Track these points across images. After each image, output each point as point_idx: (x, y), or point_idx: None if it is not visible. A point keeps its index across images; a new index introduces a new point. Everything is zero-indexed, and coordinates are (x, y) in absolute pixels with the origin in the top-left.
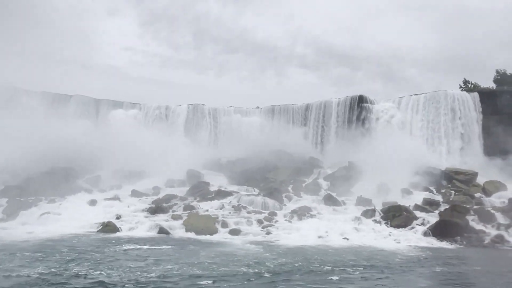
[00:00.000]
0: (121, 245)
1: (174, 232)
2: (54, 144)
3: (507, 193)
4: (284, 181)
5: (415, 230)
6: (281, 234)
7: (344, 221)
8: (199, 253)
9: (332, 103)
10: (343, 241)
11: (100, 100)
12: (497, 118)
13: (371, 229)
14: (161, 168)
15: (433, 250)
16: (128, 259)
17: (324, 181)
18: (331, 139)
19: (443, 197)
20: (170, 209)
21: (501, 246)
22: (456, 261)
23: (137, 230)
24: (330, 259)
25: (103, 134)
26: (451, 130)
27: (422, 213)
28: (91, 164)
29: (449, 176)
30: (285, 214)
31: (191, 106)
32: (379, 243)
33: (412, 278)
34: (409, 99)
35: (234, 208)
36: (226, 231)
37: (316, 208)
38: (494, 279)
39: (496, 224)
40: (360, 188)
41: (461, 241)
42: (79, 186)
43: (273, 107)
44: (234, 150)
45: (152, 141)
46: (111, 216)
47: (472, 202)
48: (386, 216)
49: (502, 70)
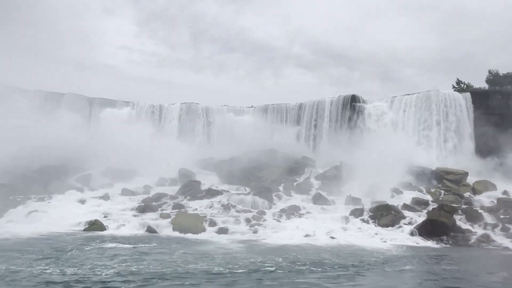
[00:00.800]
0: (103, 243)
1: (161, 230)
2: (45, 143)
3: (496, 193)
4: (276, 180)
5: (402, 230)
6: (268, 233)
7: (332, 220)
8: (177, 252)
9: (325, 103)
10: (329, 240)
11: (93, 98)
12: (488, 118)
13: (358, 228)
14: (153, 167)
15: (417, 249)
16: (99, 257)
17: (315, 181)
18: (324, 138)
19: (432, 197)
20: (159, 208)
21: (487, 245)
22: (438, 260)
23: (124, 228)
24: (312, 257)
25: (95, 133)
26: (443, 130)
27: (410, 213)
28: (83, 162)
29: (439, 176)
30: (274, 213)
31: (184, 105)
32: (365, 242)
33: (391, 276)
34: (402, 99)
35: (223, 207)
36: (213, 230)
37: (305, 207)
38: (472, 279)
39: (483, 224)
40: (351, 187)
41: (447, 241)
42: (70, 184)
43: (266, 106)
44: (227, 149)
45: (144, 140)
46: (99, 214)
47: (461, 202)
48: (374, 215)
49: (494, 70)
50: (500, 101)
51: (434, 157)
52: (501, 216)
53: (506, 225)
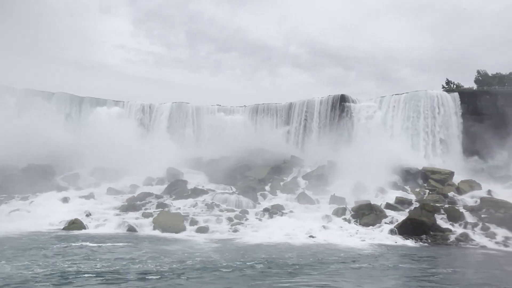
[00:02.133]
0: (77, 242)
1: (141, 229)
2: (32, 142)
3: (481, 193)
4: (263, 179)
5: (382, 229)
6: (248, 232)
7: (314, 219)
8: (139, 251)
9: (315, 102)
10: (308, 239)
11: (83, 97)
12: (476, 118)
13: (339, 227)
14: (142, 166)
15: (394, 248)
16: (55, 256)
17: (302, 180)
18: (313, 138)
19: (416, 196)
20: (142, 207)
21: (465, 244)
22: (411, 259)
23: (104, 227)
24: (284, 256)
25: (84, 132)
26: (431, 129)
27: (392, 212)
28: (70, 162)
29: (425, 175)
30: (256, 212)
31: (175, 104)
32: (344, 241)
33: (356, 274)
34: (390, 99)
35: (207, 206)
36: (193, 229)
37: (289, 206)
38: (434, 276)
39: (463, 223)
40: (338, 187)
41: (426, 239)
42: (55, 184)
43: (257, 105)
44: (217, 149)
45: (133, 139)
46: (80, 213)
47: (445, 201)
48: (356, 214)
49: (483, 70)
50: (488, 101)
51: (421, 156)
52: (482, 216)
53: (486, 224)
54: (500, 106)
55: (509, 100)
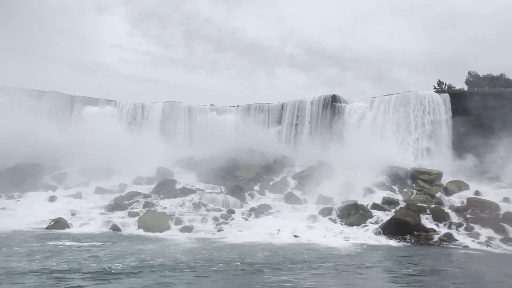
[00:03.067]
0: (54, 240)
1: (125, 229)
2: (21, 140)
3: (468, 193)
4: (252, 179)
5: (367, 229)
6: (233, 232)
7: (300, 219)
8: (114, 250)
9: (306, 102)
10: (292, 238)
11: (75, 96)
12: (466, 119)
13: (324, 227)
14: (132, 165)
15: (376, 247)
16: (30, 254)
17: (292, 180)
18: (304, 138)
19: (404, 196)
20: (129, 206)
21: (448, 244)
22: (388, 258)
23: (89, 226)
24: (260, 255)
25: (75, 131)
26: (421, 130)
27: (379, 212)
28: (60, 161)
29: (414, 175)
30: (243, 212)
31: (167, 103)
32: (327, 241)
33: (329, 274)
34: (381, 99)
35: (194, 206)
36: (178, 228)
37: (276, 206)
38: (402, 277)
39: (448, 223)
40: (327, 187)
41: (409, 239)
42: (44, 183)
43: (249, 105)
44: (208, 148)
45: (125, 139)
46: (66, 212)
47: (432, 202)
48: (341, 214)
49: (473, 72)
50: (478, 102)
51: (411, 157)
52: (467, 216)
53: (470, 224)
54: (490, 107)
55: (499, 101)
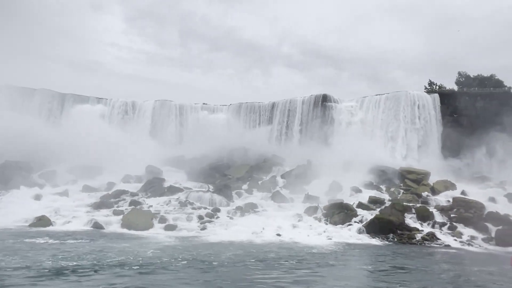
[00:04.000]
0: (33, 238)
1: (108, 227)
2: (11, 138)
3: (454, 193)
4: (242, 178)
5: (351, 227)
6: (216, 230)
7: (285, 218)
8: (86, 248)
9: (297, 102)
10: (275, 237)
11: (65, 94)
12: (456, 119)
13: (309, 226)
14: (122, 164)
15: (357, 246)
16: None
17: (281, 179)
18: (295, 137)
19: (390, 196)
20: (115, 204)
21: (430, 243)
22: (364, 257)
23: (71, 224)
24: (238, 253)
25: (65, 129)
26: (410, 130)
27: (364, 211)
28: (50, 158)
29: (401, 175)
30: (229, 210)
31: (158, 102)
32: (310, 240)
33: (304, 272)
34: (372, 99)
35: (180, 204)
36: (161, 227)
37: (263, 205)
38: (373, 274)
39: (432, 223)
40: (315, 186)
41: (392, 238)
42: (32, 180)
43: (240, 104)
44: (199, 147)
45: (115, 137)
46: (50, 210)
47: (418, 201)
48: (327, 213)
49: (464, 72)
50: (467, 102)
51: (400, 156)
52: (451, 215)
53: (454, 223)
54: (479, 107)
55: (488, 101)
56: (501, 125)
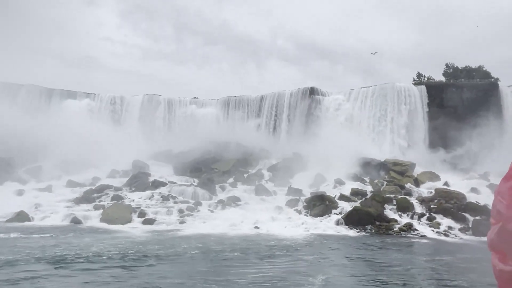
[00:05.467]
0: (5, 234)
1: (87, 221)
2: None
3: (438, 184)
4: (228, 171)
5: (330, 219)
6: (195, 224)
7: (265, 210)
8: (50, 242)
9: (285, 95)
10: (252, 230)
11: (53, 89)
12: (442, 111)
13: (288, 218)
14: (109, 158)
15: (332, 237)
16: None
17: (267, 172)
18: (283, 130)
19: (374, 188)
20: (97, 199)
21: (406, 234)
22: (335, 248)
23: (50, 219)
24: (208, 245)
25: (52, 124)
26: (397, 122)
27: (345, 203)
28: (36, 154)
29: (386, 167)
30: (210, 204)
31: (146, 96)
32: (287, 232)
33: (266, 261)
34: (359, 91)
35: (163, 198)
36: (140, 221)
37: (245, 198)
38: (335, 265)
39: (411, 213)
40: (299, 178)
41: (370, 229)
42: (17, 176)
43: (228, 98)
44: (188, 141)
45: (102, 132)
46: (31, 206)
47: (401, 192)
48: (307, 205)
49: (451, 63)
50: (454, 94)
51: (387, 148)
52: (431, 206)
53: (432, 214)
54: (465, 98)
55: (475, 92)
56: (487, 116)
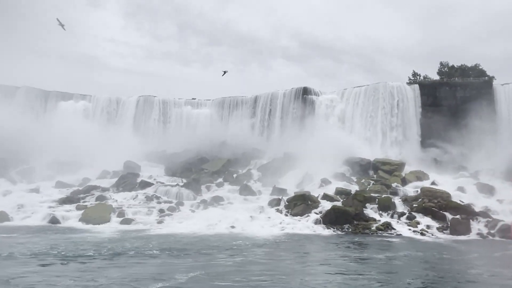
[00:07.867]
0: None
1: (65, 221)
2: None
3: (425, 183)
4: (218, 171)
5: (308, 218)
6: (172, 223)
7: (247, 210)
8: (8, 242)
9: (278, 95)
10: (228, 229)
11: (49, 91)
12: (435, 110)
13: (268, 217)
14: (102, 159)
15: (306, 236)
16: None
17: (256, 172)
18: (276, 130)
19: (360, 187)
20: (81, 199)
21: (383, 233)
22: (303, 247)
23: (30, 219)
24: (173, 244)
25: (47, 126)
26: (389, 121)
27: (327, 202)
28: (30, 155)
29: (375, 166)
30: (192, 204)
31: (142, 97)
32: (262, 231)
33: (220, 259)
34: (352, 91)
35: (147, 198)
36: (118, 221)
37: (229, 197)
38: (294, 264)
39: (391, 213)
40: (287, 178)
41: (347, 229)
42: (8, 177)
43: (223, 99)
44: (182, 142)
45: (98, 133)
46: (14, 206)
47: (387, 192)
48: (289, 205)
49: (445, 62)
50: (447, 92)
51: (378, 148)
52: (413, 205)
53: (412, 213)
54: (459, 97)
55: (468, 91)
56: (480, 114)
